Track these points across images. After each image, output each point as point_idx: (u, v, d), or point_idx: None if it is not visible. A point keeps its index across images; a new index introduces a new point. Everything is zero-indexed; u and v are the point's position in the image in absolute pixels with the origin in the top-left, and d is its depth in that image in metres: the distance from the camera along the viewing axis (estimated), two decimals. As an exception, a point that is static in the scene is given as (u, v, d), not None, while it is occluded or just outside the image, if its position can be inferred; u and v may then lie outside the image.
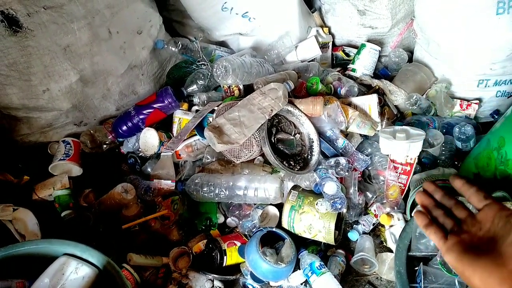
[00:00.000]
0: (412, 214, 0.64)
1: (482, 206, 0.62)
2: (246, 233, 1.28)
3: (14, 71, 1.25)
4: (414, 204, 1.28)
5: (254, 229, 1.26)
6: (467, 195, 0.65)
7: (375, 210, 1.35)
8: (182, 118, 1.50)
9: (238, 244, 1.24)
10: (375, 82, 1.63)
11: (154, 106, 1.47)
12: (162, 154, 1.42)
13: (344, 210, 1.31)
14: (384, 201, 1.36)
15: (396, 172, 1.34)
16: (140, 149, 1.47)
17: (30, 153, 1.48)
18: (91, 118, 1.53)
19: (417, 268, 0.98)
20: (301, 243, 1.28)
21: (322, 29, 1.84)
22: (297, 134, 1.41)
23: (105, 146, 1.51)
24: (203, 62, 1.64)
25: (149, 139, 1.45)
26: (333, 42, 1.90)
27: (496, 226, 0.58)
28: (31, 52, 1.24)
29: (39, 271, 0.90)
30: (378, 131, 1.43)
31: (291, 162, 1.33)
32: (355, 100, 1.50)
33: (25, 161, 1.44)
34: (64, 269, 0.90)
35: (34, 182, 1.37)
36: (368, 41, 1.77)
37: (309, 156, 1.39)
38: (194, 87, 1.58)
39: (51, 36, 1.26)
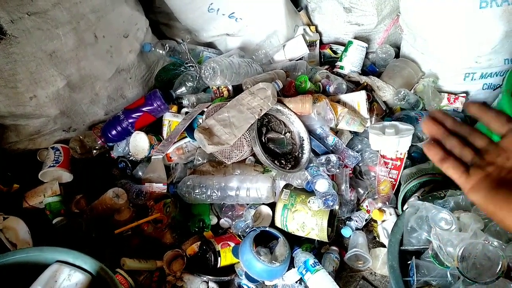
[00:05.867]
0: (424, 149, 0.57)
1: (505, 131, 0.52)
2: (239, 233, 1.28)
3: (-1, 79, 1.24)
4: (405, 199, 1.29)
5: (247, 229, 1.26)
6: (486, 120, 0.54)
7: (367, 206, 1.36)
8: (171, 120, 1.50)
9: (232, 244, 1.24)
10: (363, 79, 1.64)
11: (143, 109, 1.47)
12: (152, 157, 1.42)
13: (337, 207, 1.31)
14: (376, 197, 1.37)
15: (387, 167, 1.35)
16: (130, 153, 1.47)
17: (19, 161, 1.47)
18: (80, 124, 1.52)
19: (409, 262, 0.99)
20: (295, 241, 1.29)
21: (309, 27, 1.85)
22: (287, 133, 1.42)
23: (95, 151, 1.50)
24: (191, 64, 1.63)
25: (139, 143, 1.44)
26: (321, 40, 1.91)
27: None
28: (16, 59, 1.23)
29: (32, 279, 0.89)
30: (367, 127, 1.44)
31: (282, 161, 1.33)
32: (344, 97, 1.51)
33: (14, 169, 1.42)
34: (57, 276, 0.89)
35: (24, 190, 1.36)
36: (355, 38, 1.78)
37: (300, 155, 1.39)
38: (183, 89, 1.57)
39: (36, 42, 1.24)
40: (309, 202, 1.24)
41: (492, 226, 0.88)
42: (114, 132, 1.47)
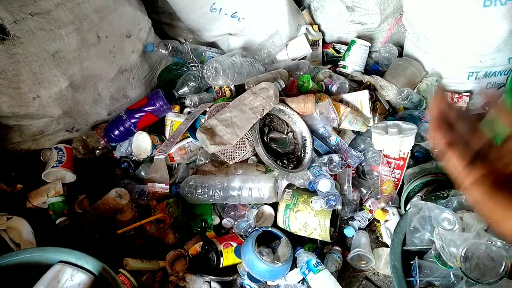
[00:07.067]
0: (429, 129, 0.53)
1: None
2: (242, 233, 1.29)
3: (3, 79, 1.24)
4: (408, 198, 1.29)
5: (249, 229, 1.26)
6: (498, 112, 0.51)
7: (370, 206, 1.36)
8: (174, 120, 1.50)
9: (234, 244, 1.24)
10: (366, 78, 1.63)
11: (146, 109, 1.47)
12: (155, 157, 1.42)
13: (339, 207, 1.31)
14: (379, 196, 1.36)
15: (390, 167, 1.34)
16: (133, 153, 1.47)
17: (22, 161, 1.47)
18: (83, 124, 1.53)
19: (412, 262, 0.98)
20: (297, 241, 1.29)
21: (312, 26, 1.84)
22: (290, 133, 1.41)
23: (97, 151, 1.51)
24: (194, 64, 1.63)
25: (141, 143, 1.44)
26: (323, 40, 1.90)
27: None
28: (19, 60, 1.23)
29: (35, 279, 0.89)
30: (370, 127, 1.43)
31: (285, 161, 1.33)
32: (347, 96, 1.50)
33: (17, 169, 1.43)
34: (60, 276, 0.89)
35: (28, 190, 1.37)
36: (358, 37, 1.78)
37: (302, 154, 1.39)
38: (186, 89, 1.57)
39: (39, 42, 1.25)
40: (311, 202, 1.24)
41: (495, 227, 0.88)
42: (116, 132, 1.47)
